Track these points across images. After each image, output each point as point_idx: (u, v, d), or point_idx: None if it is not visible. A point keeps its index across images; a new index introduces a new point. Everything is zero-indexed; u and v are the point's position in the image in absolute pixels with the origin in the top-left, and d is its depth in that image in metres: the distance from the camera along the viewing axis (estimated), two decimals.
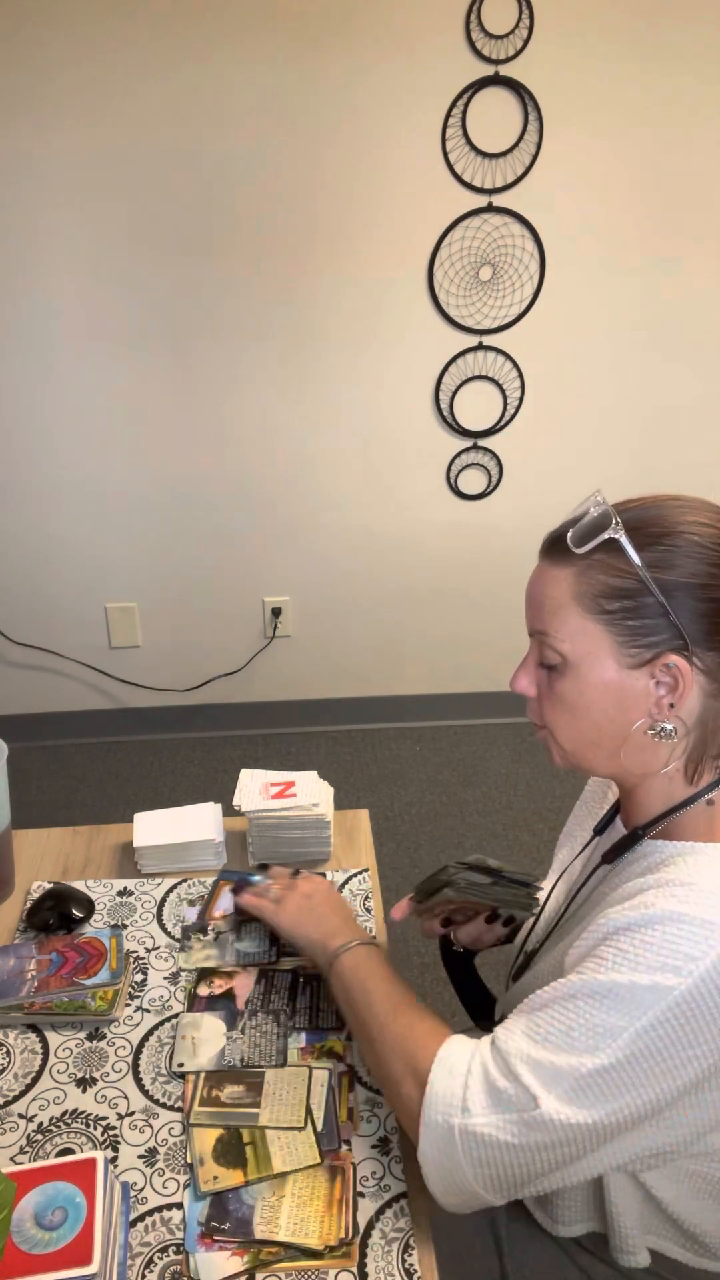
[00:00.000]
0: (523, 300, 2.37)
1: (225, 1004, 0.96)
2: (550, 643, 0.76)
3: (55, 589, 2.63)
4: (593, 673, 0.75)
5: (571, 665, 0.76)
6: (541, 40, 2.12)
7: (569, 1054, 0.67)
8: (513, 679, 0.82)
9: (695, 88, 2.19)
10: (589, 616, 0.74)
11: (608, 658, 0.74)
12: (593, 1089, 0.67)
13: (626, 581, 0.72)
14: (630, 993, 0.66)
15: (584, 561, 0.74)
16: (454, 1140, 0.71)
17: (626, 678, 0.74)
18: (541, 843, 2.33)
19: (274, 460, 2.51)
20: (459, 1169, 0.71)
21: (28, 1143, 0.83)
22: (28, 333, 2.33)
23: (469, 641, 2.79)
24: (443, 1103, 0.72)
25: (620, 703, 0.75)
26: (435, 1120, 0.72)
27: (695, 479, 2.60)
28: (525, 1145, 0.69)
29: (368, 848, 1.21)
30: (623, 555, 0.72)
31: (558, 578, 0.76)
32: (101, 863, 1.18)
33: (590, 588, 0.74)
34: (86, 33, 2.06)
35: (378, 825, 2.37)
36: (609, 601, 0.73)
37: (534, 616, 0.79)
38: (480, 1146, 0.70)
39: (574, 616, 0.75)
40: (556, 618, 0.76)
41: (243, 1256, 0.74)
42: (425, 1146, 0.73)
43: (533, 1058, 0.69)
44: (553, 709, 0.79)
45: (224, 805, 1.20)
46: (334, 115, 2.17)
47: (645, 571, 0.71)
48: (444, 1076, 0.73)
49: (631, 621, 0.72)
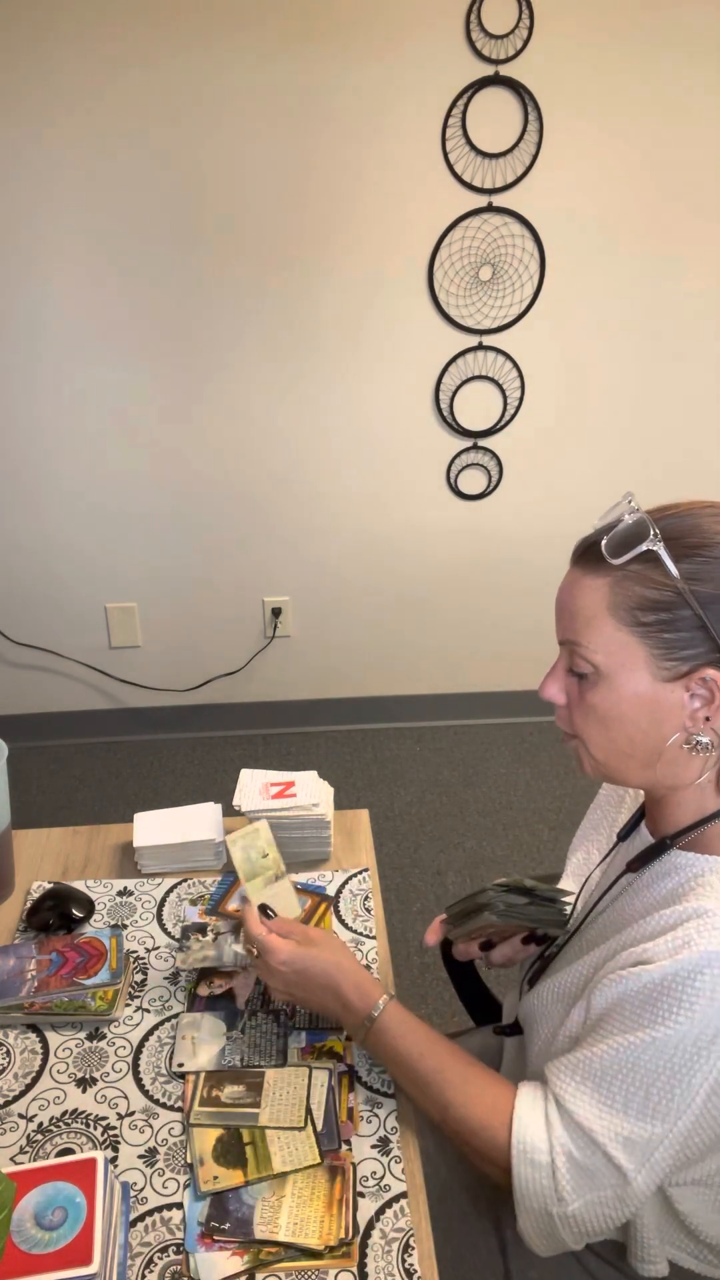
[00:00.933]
0: (523, 300, 2.37)
1: (225, 1004, 0.96)
2: (583, 653, 0.75)
3: (55, 589, 2.63)
4: (626, 685, 0.73)
5: (604, 677, 0.74)
6: (541, 40, 2.12)
7: (653, 1121, 0.69)
8: (541, 686, 0.80)
9: (695, 87, 2.19)
10: (624, 628, 0.72)
11: (642, 670, 0.73)
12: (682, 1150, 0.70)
13: (663, 594, 0.71)
14: (696, 1045, 0.67)
15: (619, 572, 0.72)
16: (554, 1224, 0.74)
17: (661, 690, 0.72)
18: (541, 843, 2.33)
19: (274, 460, 2.51)
20: (558, 1238, 0.75)
21: (28, 1143, 0.83)
22: (27, 333, 2.32)
23: (469, 641, 2.79)
24: (536, 1197, 0.74)
25: (654, 715, 0.73)
26: (533, 1208, 0.75)
27: (695, 478, 2.60)
28: (623, 1212, 0.73)
29: (368, 848, 1.21)
30: (660, 567, 0.71)
31: (591, 587, 0.74)
32: (101, 863, 1.18)
33: (626, 599, 0.72)
34: (84, 30, 2.06)
35: (378, 825, 2.37)
36: (645, 614, 0.71)
37: (566, 625, 0.77)
38: (581, 1224, 0.73)
39: (608, 628, 0.73)
40: (590, 628, 0.74)
41: (243, 1256, 0.74)
42: (526, 1226, 0.76)
43: (617, 1132, 0.70)
44: (584, 720, 0.77)
45: (224, 805, 1.20)
46: (334, 115, 2.17)
47: (684, 584, 0.70)
48: (528, 1171, 0.74)
49: (668, 634, 0.71)
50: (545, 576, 2.69)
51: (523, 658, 2.80)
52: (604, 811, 0.99)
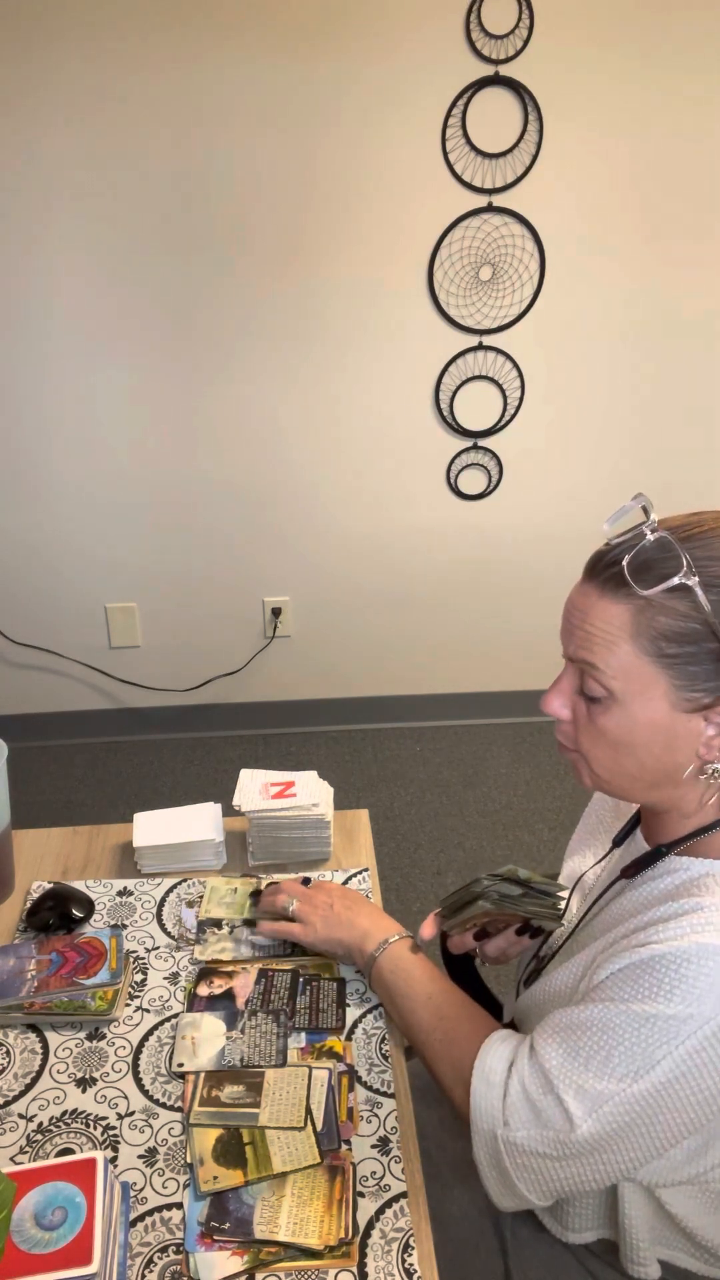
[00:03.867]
0: (523, 300, 2.37)
1: (225, 1004, 0.96)
2: (598, 677, 0.72)
3: (55, 589, 2.63)
4: (643, 712, 0.71)
5: (619, 702, 0.72)
6: (541, 40, 2.12)
7: (609, 1079, 0.69)
8: (545, 699, 0.77)
9: (695, 87, 2.19)
10: (645, 657, 0.70)
11: (661, 700, 0.70)
12: (629, 1114, 0.69)
13: (691, 626, 0.68)
14: (669, 1023, 0.67)
15: (643, 600, 0.69)
16: (499, 1148, 0.75)
17: (679, 720, 0.71)
18: (541, 842, 2.33)
19: (274, 460, 2.51)
20: (506, 1173, 0.75)
21: (28, 1143, 0.83)
22: (27, 333, 2.33)
23: (469, 641, 2.79)
24: (485, 1114, 0.76)
25: (669, 743, 0.72)
26: (481, 1128, 0.76)
27: (696, 478, 2.60)
28: (564, 1161, 0.72)
29: (368, 848, 1.21)
30: (690, 598, 0.68)
31: (612, 612, 0.70)
32: (101, 863, 1.18)
33: (651, 629, 0.69)
34: (84, 30, 2.06)
35: (378, 825, 2.37)
36: (670, 645, 0.69)
37: (579, 644, 0.73)
38: (522, 1155, 0.74)
39: (628, 655, 0.70)
40: (609, 653, 0.71)
41: (242, 1256, 0.74)
42: (475, 1150, 0.77)
43: (574, 1080, 0.71)
44: (592, 741, 0.75)
45: (224, 805, 1.20)
46: (334, 115, 2.17)
47: (716, 619, 0.67)
48: (483, 1087, 0.76)
49: (693, 667, 0.69)
50: (545, 576, 2.69)
51: (523, 658, 2.81)
52: (599, 817, 0.99)
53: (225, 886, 1.12)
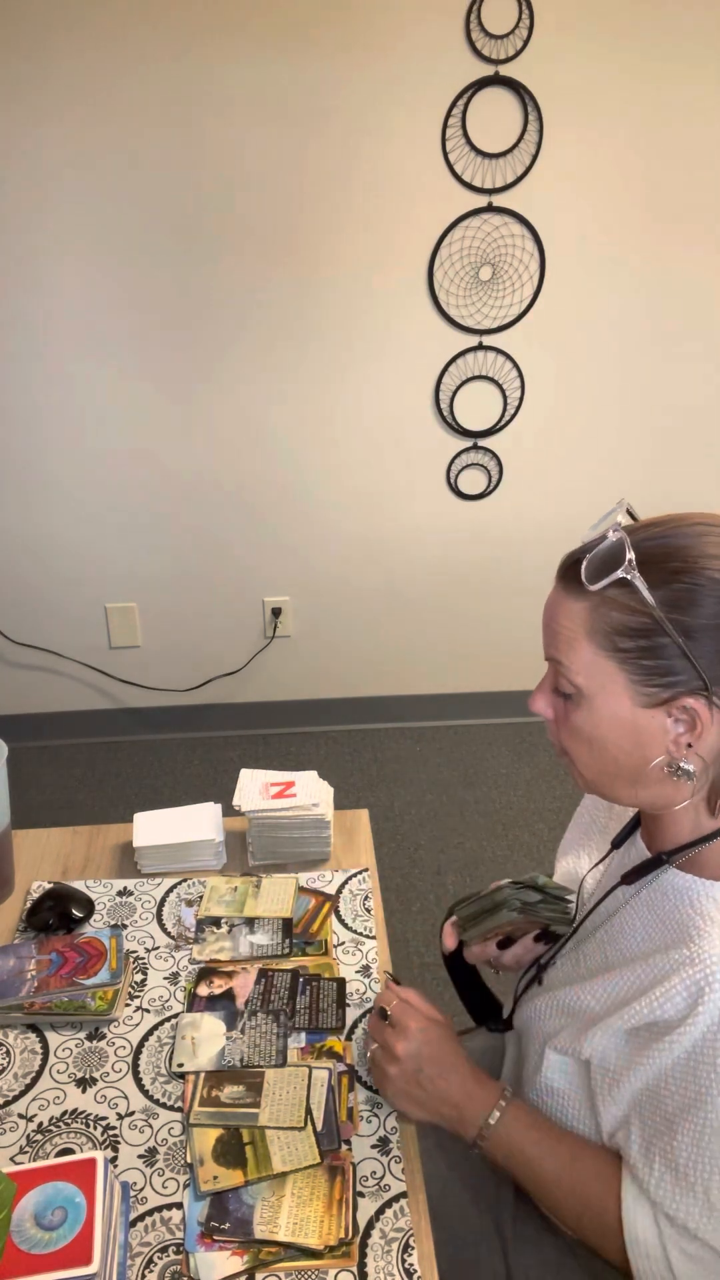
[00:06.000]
0: (523, 300, 2.37)
1: (225, 1004, 0.96)
2: (565, 674, 0.74)
3: (55, 589, 2.63)
4: (605, 708, 0.72)
5: (586, 698, 0.73)
6: (541, 40, 2.12)
7: None
8: (531, 699, 0.79)
9: (695, 87, 2.19)
10: (602, 653, 0.71)
11: (622, 695, 0.71)
12: None
13: (642, 620, 0.69)
14: None
15: (597, 596, 0.71)
16: None
17: (641, 716, 0.71)
18: (541, 842, 2.33)
19: (274, 460, 2.51)
20: None
21: (28, 1143, 0.83)
22: (27, 333, 2.32)
23: (469, 641, 2.79)
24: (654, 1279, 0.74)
25: (636, 739, 0.72)
26: None
27: (696, 478, 2.60)
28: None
29: (368, 848, 1.21)
30: (634, 590, 0.69)
31: (572, 610, 0.73)
32: (101, 863, 1.18)
33: (604, 624, 0.71)
34: (83, 29, 2.06)
35: (378, 825, 2.37)
36: (623, 639, 0.70)
37: (549, 643, 0.76)
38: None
39: (587, 652, 0.72)
40: (571, 649, 0.73)
41: (242, 1256, 0.74)
42: None
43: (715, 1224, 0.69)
44: (570, 738, 0.77)
45: (224, 805, 1.20)
46: (334, 115, 2.17)
47: (660, 611, 0.68)
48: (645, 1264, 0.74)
49: (646, 661, 0.69)
50: (545, 576, 2.69)
51: (523, 658, 2.80)
52: (593, 815, 0.99)
53: (225, 886, 1.12)
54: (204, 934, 1.05)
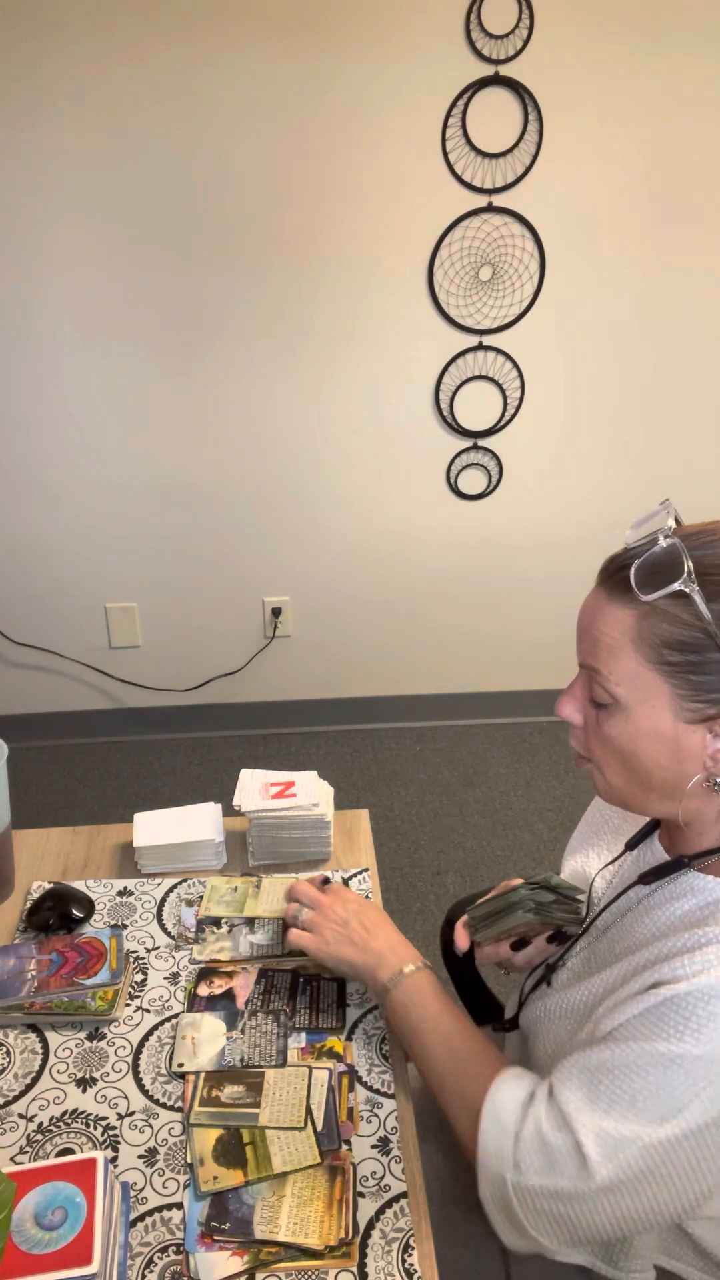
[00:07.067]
0: (523, 300, 2.37)
1: (225, 1004, 0.96)
2: (603, 683, 0.71)
3: (55, 589, 2.63)
4: (646, 721, 0.70)
5: (624, 709, 0.71)
6: (541, 40, 2.12)
7: (634, 1122, 0.65)
8: (559, 704, 0.77)
9: (695, 86, 2.19)
10: (648, 665, 0.69)
11: (664, 709, 0.69)
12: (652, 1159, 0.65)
13: (694, 634, 0.67)
14: (695, 1064, 0.64)
15: (647, 606, 0.69)
16: (508, 1192, 0.71)
17: (683, 730, 0.69)
18: (541, 842, 2.33)
19: (274, 460, 2.51)
20: (515, 1217, 0.71)
21: (28, 1143, 0.83)
22: (27, 332, 2.32)
23: (469, 641, 2.79)
24: (494, 1156, 0.72)
25: (675, 754, 0.71)
26: (489, 1170, 0.72)
27: (696, 478, 2.60)
28: (580, 1208, 0.68)
29: (368, 848, 1.21)
30: (691, 606, 0.67)
31: (617, 617, 0.70)
32: (101, 863, 1.18)
33: (652, 635, 0.68)
34: (81, 25, 2.06)
35: (378, 825, 2.37)
36: (672, 653, 0.68)
37: (587, 650, 0.73)
38: (534, 1200, 0.70)
39: (632, 662, 0.69)
40: (612, 659, 0.70)
41: (243, 1256, 0.74)
42: (481, 1191, 0.73)
43: (594, 1124, 0.67)
44: (601, 748, 0.75)
45: (224, 805, 1.20)
46: (334, 115, 2.17)
47: (716, 627, 0.66)
48: (494, 1129, 0.72)
49: (695, 676, 0.67)
50: (545, 576, 2.69)
51: (523, 658, 2.81)
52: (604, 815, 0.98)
53: (225, 886, 1.12)
54: (204, 934, 1.05)
